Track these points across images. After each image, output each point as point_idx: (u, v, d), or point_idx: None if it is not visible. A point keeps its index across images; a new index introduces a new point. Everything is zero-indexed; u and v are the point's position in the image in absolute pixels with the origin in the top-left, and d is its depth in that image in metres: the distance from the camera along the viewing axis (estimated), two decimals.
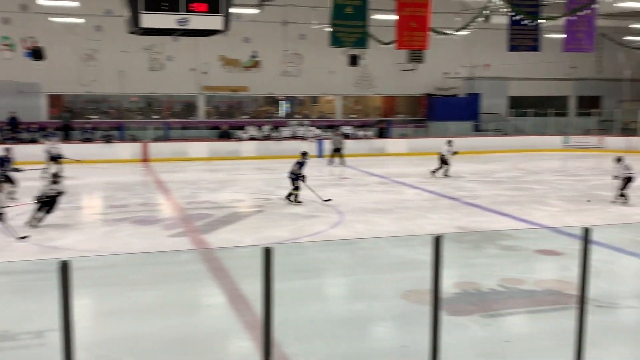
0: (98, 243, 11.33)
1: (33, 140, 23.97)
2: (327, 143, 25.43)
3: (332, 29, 19.22)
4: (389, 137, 28.40)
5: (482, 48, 29.90)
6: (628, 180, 15.02)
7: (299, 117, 29.87)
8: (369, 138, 27.24)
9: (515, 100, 31.84)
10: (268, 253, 3.44)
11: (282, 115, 30.40)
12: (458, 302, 8.02)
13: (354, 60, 27.09)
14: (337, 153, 23.94)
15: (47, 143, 20.37)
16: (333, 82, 29.51)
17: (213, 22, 12.47)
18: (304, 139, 26.42)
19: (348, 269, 9.96)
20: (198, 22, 12.38)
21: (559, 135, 29.57)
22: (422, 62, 28.50)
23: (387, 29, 22.37)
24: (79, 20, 24.88)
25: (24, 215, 12.36)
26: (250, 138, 26.13)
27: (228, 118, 28.88)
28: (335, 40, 19.40)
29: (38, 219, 12.08)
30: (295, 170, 15.05)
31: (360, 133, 27.18)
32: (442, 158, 20.04)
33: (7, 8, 24.13)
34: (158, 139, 26.23)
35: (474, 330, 7.22)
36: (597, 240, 10.56)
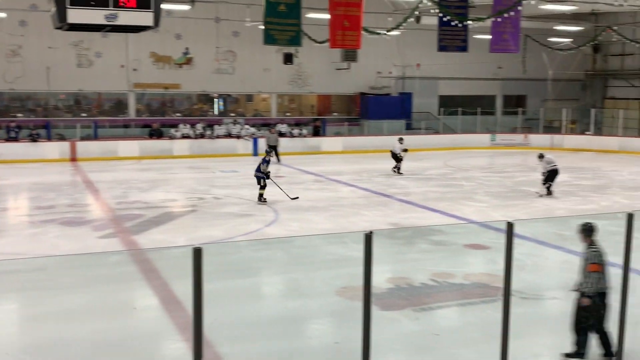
0: (24, 246, 10.93)
1: None
2: (262, 141, 25.36)
3: (265, 27, 19.15)
4: (324, 135, 28.58)
5: (413, 48, 30.51)
6: (554, 174, 15.88)
7: (234, 115, 29.64)
8: (304, 136, 27.33)
9: (445, 100, 32.64)
10: (198, 254, 3.42)
11: (216, 114, 30.11)
12: (391, 297, 8.19)
13: (289, 59, 27.10)
14: (272, 151, 23.89)
15: None
16: (268, 80, 29.44)
17: (143, 18, 12.21)
18: (239, 138, 26.25)
19: (283, 268, 9.99)
20: (127, 18, 12.09)
21: (487, 134, 30.53)
22: (355, 61, 28.81)
23: (321, 28, 22.50)
24: (2, 15, 23.82)
25: None
26: (183, 136, 25.73)
27: (160, 116, 28.34)
28: (269, 38, 19.32)
29: None
30: (264, 169, 14.97)
31: (296, 131, 27.23)
32: (394, 155, 20.48)
33: None
34: (87, 138, 25.47)
35: (406, 325, 7.39)
36: (522, 235, 11.02)
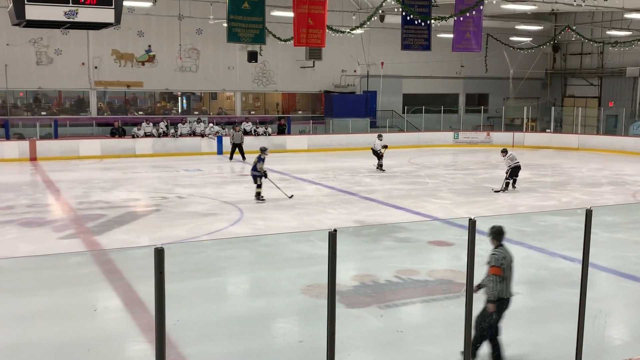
0: None
1: None
2: (226, 140, 25.20)
3: (229, 24, 18.99)
4: (289, 133, 28.52)
5: (377, 47, 30.67)
6: (517, 170, 16.56)
7: (197, 113, 29.38)
8: (269, 134, 27.23)
9: (409, 98, 32.90)
10: (160, 254, 3.37)
11: (179, 112, 29.79)
12: (356, 294, 8.21)
13: (253, 57, 26.95)
14: (237, 149, 23.80)
15: None
16: (232, 78, 29.25)
17: (104, 14, 11.96)
18: (203, 136, 26.02)
19: (248, 267, 9.93)
20: (87, 14, 11.84)
21: (450, 132, 30.89)
22: (320, 59, 28.84)
23: (285, 26, 22.44)
24: None
25: None
26: (146, 135, 25.37)
27: (122, 114, 27.91)
28: (233, 36, 19.16)
29: None
30: (260, 167, 14.86)
31: (260, 130, 27.11)
32: (375, 152, 20.87)
33: None
34: (47, 137, 24.95)
35: (371, 322, 7.42)
36: (485, 231, 11.15)
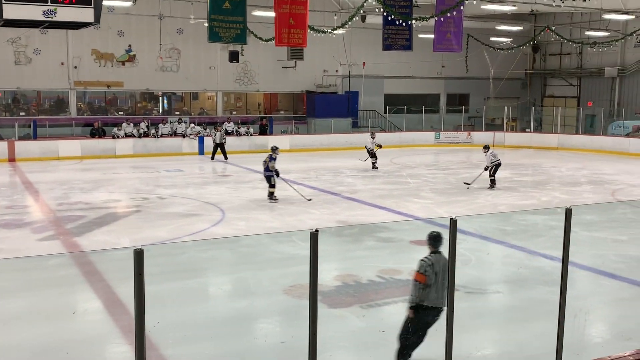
0: None
1: None
2: (208, 140, 25.09)
3: (210, 24, 18.91)
4: (271, 133, 28.46)
5: (359, 47, 30.73)
6: (497, 167, 16.96)
7: (179, 113, 29.20)
8: (251, 135, 27.15)
9: (391, 98, 33.01)
10: (140, 255, 3.34)
11: (160, 112, 29.60)
12: (338, 294, 8.21)
13: (234, 56, 26.87)
14: (219, 149, 23.73)
15: None
16: (213, 78, 29.13)
17: (83, 14, 11.86)
18: (184, 136, 25.88)
19: (230, 267, 9.89)
20: (66, 13, 11.73)
21: (432, 131, 31.05)
22: (302, 59, 28.81)
23: (267, 26, 22.39)
24: None
25: None
26: (127, 135, 25.16)
27: (102, 115, 27.66)
28: (214, 36, 19.08)
29: None
30: (272, 167, 14.80)
31: (242, 130, 27.02)
32: (369, 151, 21.17)
33: None
34: (25, 138, 24.68)
35: (353, 321, 7.42)
36: (466, 230, 11.24)
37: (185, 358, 6.44)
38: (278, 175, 14.91)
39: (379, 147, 21.24)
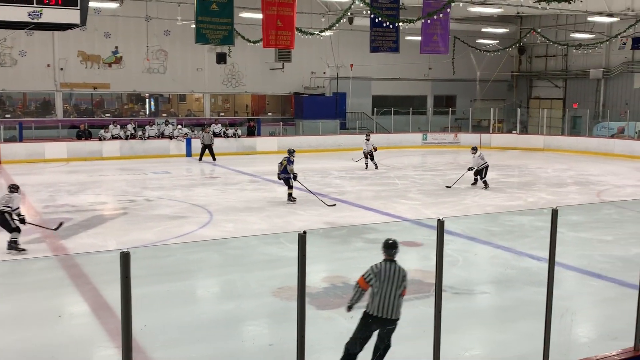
0: None
1: None
2: (195, 142, 25.00)
3: (197, 26, 18.84)
4: (259, 135, 28.43)
5: (346, 49, 30.77)
6: (486, 169, 17.23)
7: (166, 115, 29.08)
8: (239, 136, 27.08)
9: (379, 100, 33.09)
10: (126, 258, 3.32)
11: (147, 114, 29.46)
12: (327, 295, 8.21)
13: (222, 58, 26.80)
14: (207, 151, 23.68)
15: None
16: (200, 79, 29.05)
17: (69, 15, 11.79)
18: (171, 138, 25.77)
19: (218, 270, 9.86)
20: (52, 15, 11.65)
21: (419, 133, 31.14)
22: (289, 61, 28.82)
23: (254, 28, 22.37)
24: None
25: None
26: (113, 137, 25.01)
27: (89, 116, 27.50)
28: (201, 37, 19.02)
29: None
30: (291, 170, 14.87)
31: (230, 131, 26.95)
32: (366, 153, 21.55)
33: None
34: (11, 140, 24.46)
35: (342, 323, 7.41)
36: (454, 231, 11.28)
37: None
38: (296, 179, 14.99)
39: (375, 149, 21.41)
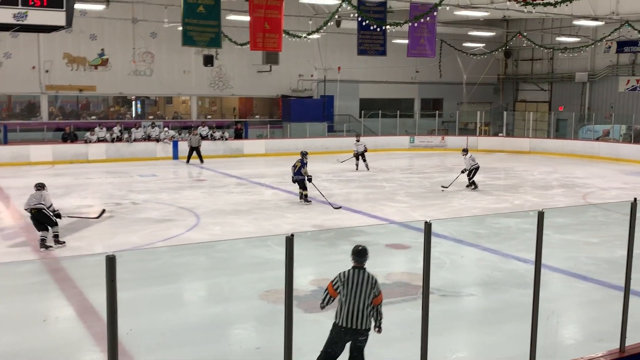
0: None
1: None
2: (182, 144, 24.91)
3: (184, 28, 18.78)
4: (246, 138, 28.37)
5: (334, 51, 30.83)
6: (476, 170, 17.52)
7: (152, 118, 28.96)
8: (226, 139, 27.02)
9: (366, 102, 33.16)
10: (112, 262, 3.29)
11: (133, 116, 29.31)
12: (314, 298, 8.18)
13: (209, 60, 26.75)
14: (194, 153, 23.61)
15: None
16: (187, 82, 28.95)
17: (54, 17, 11.66)
18: (158, 141, 25.65)
19: (205, 273, 9.82)
20: (37, 17, 11.52)
21: (406, 136, 31.23)
22: (277, 64, 28.80)
23: (241, 30, 22.35)
24: None
25: None
26: (99, 140, 24.85)
27: (74, 119, 27.30)
28: (188, 39, 18.96)
29: None
30: (305, 172, 15.10)
31: (217, 134, 26.87)
32: (356, 155, 21.98)
33: None
34: None
35: (329, 326, 7.39)
36: (441, 234, 11.31)
37: None
38: (310, 181, 15.13)
39: (365, 150, 21.84)
